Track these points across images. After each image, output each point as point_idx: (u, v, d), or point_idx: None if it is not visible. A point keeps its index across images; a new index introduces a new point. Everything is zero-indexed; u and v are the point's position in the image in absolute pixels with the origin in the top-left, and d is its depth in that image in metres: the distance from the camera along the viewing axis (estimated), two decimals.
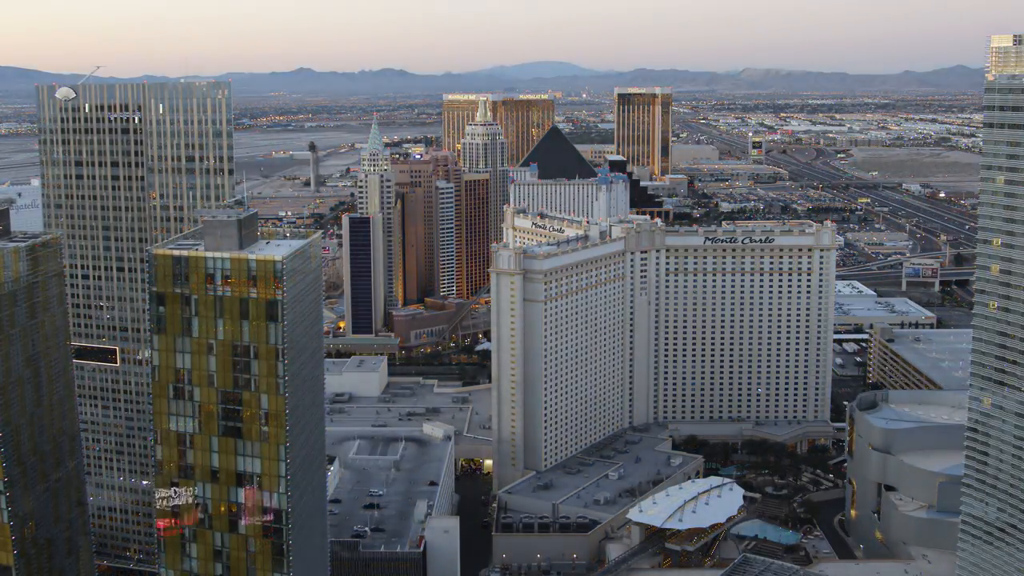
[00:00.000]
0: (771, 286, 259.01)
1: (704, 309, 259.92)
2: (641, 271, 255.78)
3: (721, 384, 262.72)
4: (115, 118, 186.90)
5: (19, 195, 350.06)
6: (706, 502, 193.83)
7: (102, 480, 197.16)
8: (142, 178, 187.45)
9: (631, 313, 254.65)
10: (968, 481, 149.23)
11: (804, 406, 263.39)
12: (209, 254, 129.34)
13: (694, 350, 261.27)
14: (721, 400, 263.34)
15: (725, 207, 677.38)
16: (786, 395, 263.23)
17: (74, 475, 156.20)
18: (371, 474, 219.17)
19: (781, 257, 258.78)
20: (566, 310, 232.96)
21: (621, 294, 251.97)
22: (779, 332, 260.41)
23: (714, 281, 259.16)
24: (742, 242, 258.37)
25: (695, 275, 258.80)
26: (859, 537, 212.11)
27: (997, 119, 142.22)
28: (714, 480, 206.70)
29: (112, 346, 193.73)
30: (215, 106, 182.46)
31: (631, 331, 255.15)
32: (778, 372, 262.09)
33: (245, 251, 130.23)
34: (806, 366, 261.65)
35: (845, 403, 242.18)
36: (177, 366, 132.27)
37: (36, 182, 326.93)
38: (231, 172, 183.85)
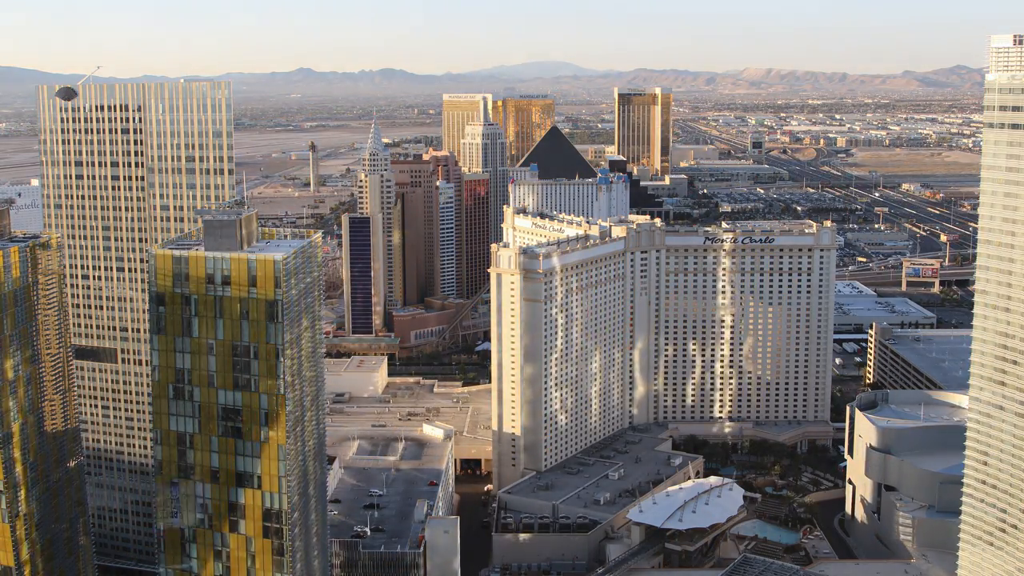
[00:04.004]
0: (771, 286, 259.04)
1: (704, 309, 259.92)
2: (641, 271, 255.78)
3: (721, 384, 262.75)
4: (115, 118, 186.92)
5: (19, 195, 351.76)
6: (706, 502, 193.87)
7: (102, 480, 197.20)
8: (142, 178, 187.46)
9: (631, 313, 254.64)
10: (968, 481, 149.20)
11: (804, 406, 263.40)
12: (209, 254, 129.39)
13: (694, 350, 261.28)
14: (721, 400, 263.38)
15: (725, 207, 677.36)
16: (786, 395, 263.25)
17: (74, 475, 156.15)
18: (371, 474, 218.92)
19: (781, 257, 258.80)
20: (566, 310, 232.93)
21: (621, 294, 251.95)
22: (779, 332, 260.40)
23: (714, 281, 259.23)
24: (742, 242, 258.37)
25: (695, 275, 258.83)
26: (859, 537, 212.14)
27: (997, 119, 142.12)
28: (714, 480, 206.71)
29: (112, 346, 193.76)
30: (215, 106, 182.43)
31: (631, 331, 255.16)
32: (778, 372, 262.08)
33: (245, 251, 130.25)
34: (806, 366, 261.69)
35: (846, 404, 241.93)
36: (177, 366, 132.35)
37: (36, 182, 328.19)
38: (231, 172, 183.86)
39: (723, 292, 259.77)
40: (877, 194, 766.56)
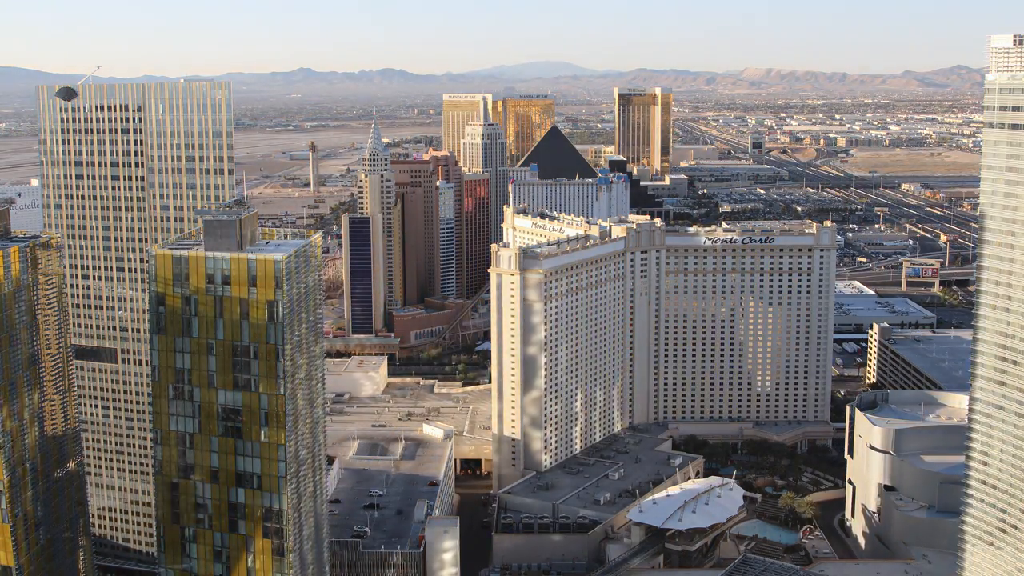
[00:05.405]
0: (771, 286, 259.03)
1: (704, 309, 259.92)
2: (641, 271, 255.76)
3: (721, 384, 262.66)
4: (115, 118, 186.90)
5: (19, 195, 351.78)
6: (706, 502, 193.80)
7: (102, 480, 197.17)
8: (142, 178, 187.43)
9: (631, 313, 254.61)
10: (968, 481, 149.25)
11: (804, 406, 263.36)
12: (209, 254, 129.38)
13: (694, 350, 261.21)
14: (721, 400, 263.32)
15: (725, 207, 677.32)
16: (786, 395, 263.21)
17: (74, 475, 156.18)
18: (371, 474, 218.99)
19: (781, 257, 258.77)
20: (566, 310, 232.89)
21: (621, 294, 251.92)
22: (779, 332, 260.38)
23: (714, 281, 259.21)
24: (742, 242, 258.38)
25: (695, 275, 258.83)
26: (859, 537, 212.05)
27: (997, 119, 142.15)
28: (714, 480, 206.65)
29: (112, 346, 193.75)
30: (215, 106, 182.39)
31: (631, 331, 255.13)
32: (778, 372, 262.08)
33: (245, 251, 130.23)
34: (806, 366, 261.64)
35: (846, 403, 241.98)
36: (177, 366, 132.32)
37: (36, 182, 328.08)
38: (231, 172, 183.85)
39: (723, 292, 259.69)
40: (876, 195, 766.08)
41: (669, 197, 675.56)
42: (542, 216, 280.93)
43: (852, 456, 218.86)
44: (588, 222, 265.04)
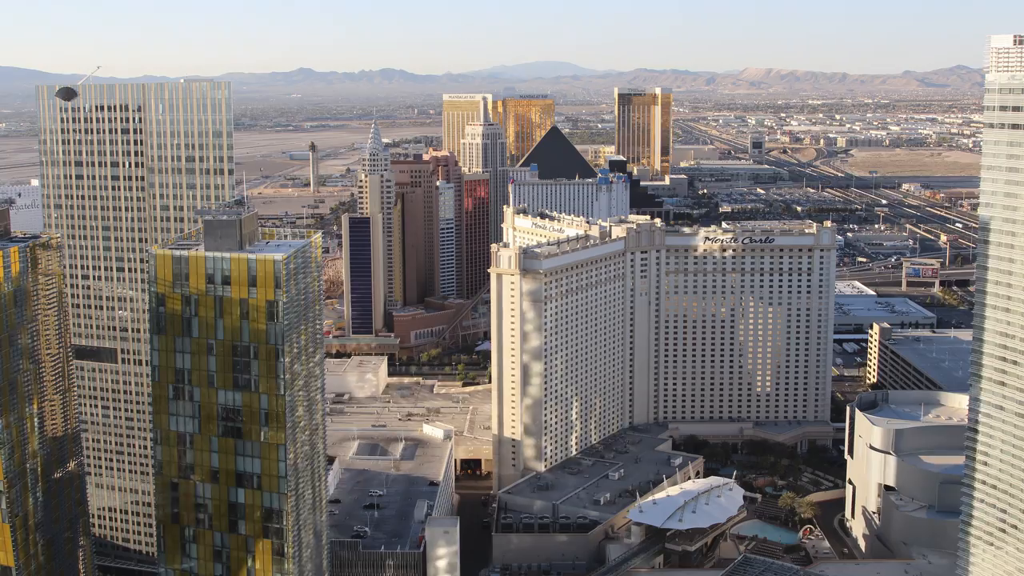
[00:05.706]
0: (771, 286, 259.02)
1: (704, 309, 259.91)
2: (641, 271, 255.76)
3: (721, 384, 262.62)
4: (115, 118, 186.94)
5: (19, 195, 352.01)
6: (706, 502, 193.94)
7: (102, 480, 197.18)
8: (142, 178, 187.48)
9: (631, 313, 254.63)
10: (968, 481, 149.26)
11: (804, 406, 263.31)
12: (209, 254, 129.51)
13: (694, 350, 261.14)
14: (721, 400, 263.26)
15: (725, 207, 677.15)
16: (786, 395, 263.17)
17: (74, 475, 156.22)
18: (371, 474, 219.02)
19: (781, 257, 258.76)
20: (566, 310, 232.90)
21: (621, 294, 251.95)
22: (779, 332, 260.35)
23: (714, 281, 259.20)
24: (742, 242, 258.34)
25: (695, 275, 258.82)
26: (859, 537, 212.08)
27: (997, 119, 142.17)
28: (714, 480, 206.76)
29: (112, 346, 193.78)
30: (215, 106, 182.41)
31: (631, 331, 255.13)
32: (778, 372, 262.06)
33: (245, 251, 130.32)
34: (806, 366, 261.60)
35: (846, 404, 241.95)
36: (177, 366, 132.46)
37: (36, 182, 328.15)
38: (231, 172, 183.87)
39: (723, 292, 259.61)
40: (876, 195, 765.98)
41: (669, 197, 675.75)
42: (542, 216, 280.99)
43: (852, 456, 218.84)
44: (588, 222, 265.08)
